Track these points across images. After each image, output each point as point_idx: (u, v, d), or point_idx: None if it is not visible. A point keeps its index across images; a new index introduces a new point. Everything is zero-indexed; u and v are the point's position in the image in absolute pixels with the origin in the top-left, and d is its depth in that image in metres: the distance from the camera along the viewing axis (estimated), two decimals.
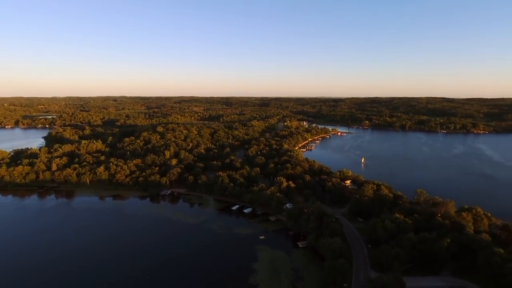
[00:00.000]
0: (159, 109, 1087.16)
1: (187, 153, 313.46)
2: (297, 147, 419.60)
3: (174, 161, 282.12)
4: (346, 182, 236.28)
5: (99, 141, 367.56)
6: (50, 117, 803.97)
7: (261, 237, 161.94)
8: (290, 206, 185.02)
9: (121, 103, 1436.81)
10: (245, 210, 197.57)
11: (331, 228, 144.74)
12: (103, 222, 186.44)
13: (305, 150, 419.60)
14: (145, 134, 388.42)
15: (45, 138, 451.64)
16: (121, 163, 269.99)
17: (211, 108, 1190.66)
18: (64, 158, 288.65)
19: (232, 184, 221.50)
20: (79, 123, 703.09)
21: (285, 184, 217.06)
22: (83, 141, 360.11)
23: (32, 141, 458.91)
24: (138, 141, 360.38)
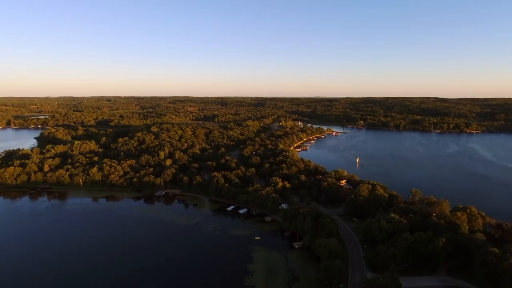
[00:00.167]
0: (154, 109, 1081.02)
1: (181, 154, 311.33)
2: (292, 147, 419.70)
3: (168, 162, 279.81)
4: (342, 182, 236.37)
5: (92, 141, 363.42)
6: (42, 117, 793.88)
7: (256, 238, 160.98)
8: (285, 206, 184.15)
9: (115, 103, 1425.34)
10: (240, 211, 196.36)
11: (327, 228, 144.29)
12: (96, 223, 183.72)
13: (300, 150, 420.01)
14: (139, 134, 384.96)
15: (37, 138, 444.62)
16: (114, 164, 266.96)
17: (206, 108, 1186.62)
18: (57, 159, 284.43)
19: (227, 185, 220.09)
20: (72, 123, 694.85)
21: (280, 184, 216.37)
22: (76, 142, 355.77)
23: (24, 141, 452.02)
24: (132, 141, 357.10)
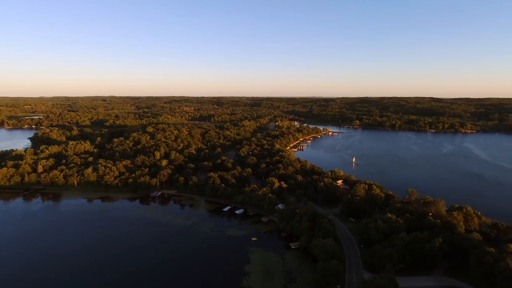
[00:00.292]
0: (149, 109, 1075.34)
1: (177, 154, 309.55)
2: (289, 147, 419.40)
3: (164, 162, 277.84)
4: (338, 182, 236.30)
5: (87, 142, 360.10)
6: (36, 117, 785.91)
7: (253, 238, 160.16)
8: (282, 206, 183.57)
9: (110, 103, 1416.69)
10: (237, 211, 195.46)
11: (323, 229, 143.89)
12: (91, 224, 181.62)
13: (296, 150, 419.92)
14: (134, 134, 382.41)
15: (31, 139, 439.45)
16: (110, 164, 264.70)
17: (202, 108, 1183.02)
18: (51, 160, 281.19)
19: (223, 185, 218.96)
20: (66, 123, 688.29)
21: (277, 184, 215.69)
22: (70, 142, 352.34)
23: (18, 142, 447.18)
24: (127, 141, 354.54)
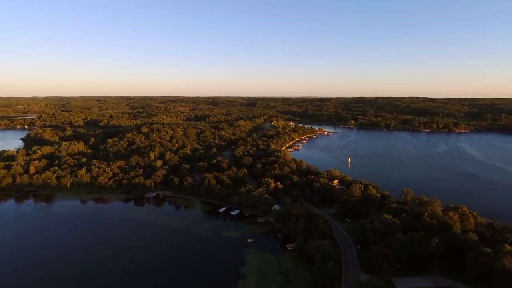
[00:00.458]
0: (144, 109, 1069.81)
1: (172, 154, 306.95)
2: (284, 147, 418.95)
3: (159, 163, 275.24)
4: (334, 182, 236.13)
5: (80, 142, 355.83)
6: (29, 117, 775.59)
7: (249, 240, 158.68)
8: (278, 207, 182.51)
9: (104, 103, 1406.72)
10: (232, 212, 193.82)
11: (320, 229, 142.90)
12: (84, 226, 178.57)
13: (292, 150, 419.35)
14: (129, 135, 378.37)
15: (23, 139, 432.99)
16: (103, 165, 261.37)
17: (197, 108, 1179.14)
18: (43, 161, 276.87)
19: (219, 186, 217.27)
20: (60, 123, 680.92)
21: (273, 185, 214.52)
22: (63, 143, 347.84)
23: (10, 142, 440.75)
24: (121, 142, 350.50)
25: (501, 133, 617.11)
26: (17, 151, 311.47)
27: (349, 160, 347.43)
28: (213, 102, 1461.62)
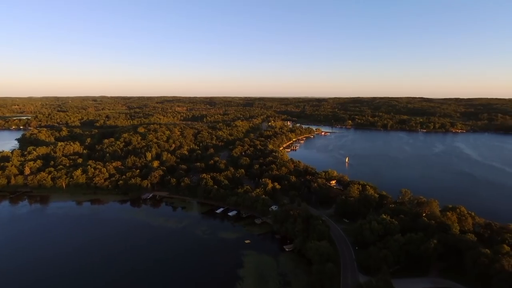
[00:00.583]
0: (141, 109, 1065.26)
1: (169, 155, 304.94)
2: (282, 147, 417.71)
3: (156, 163, 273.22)
4: (331, 182, 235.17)
5: (76, 142, 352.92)
6: (25, 118, 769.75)
7: (246, 241, 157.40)
8: (276, 208, 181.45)
9: (101, 103, 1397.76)
10: (230, 213, 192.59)
11: (318, 230, 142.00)
12: (80, 228, 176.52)
13: (289, 150, 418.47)
14: (125, 135, 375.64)
15: (18, 140, 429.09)
16: (99, 166, 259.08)
17: (194, 108, 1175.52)
18: (39, 161, 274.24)
19: (216, 187, 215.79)
20: (56, 124, 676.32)
21: (270, 185, 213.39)
22: (59, 143, 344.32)
23: (5, 143, 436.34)
24: (118, 142, 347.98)
25: (497, 133, 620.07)
26: (12, 152, 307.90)
27: (346, 160, 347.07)
28: (210, 102, 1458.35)
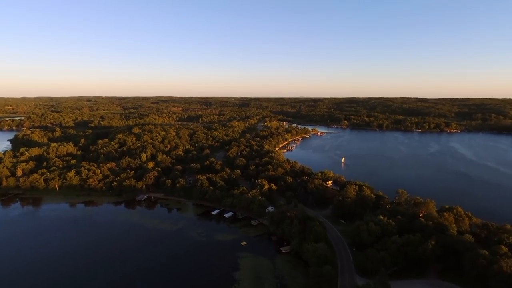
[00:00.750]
0: (136, 110, 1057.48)
1: (164, 156, 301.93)
2: (278, 148, 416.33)
3: (150, 164, 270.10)
4: (328, 183, 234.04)
5: (70, 143, 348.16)
6: (17, 118, 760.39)
7: (242, 243, 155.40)
8: (272, 209, 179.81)
9: (95, 104, 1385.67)
10: (226, 215, 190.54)
11: (315, 232, 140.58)
12: (73, 230, 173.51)
13: (285, 150, 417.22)
14: (120, 135, 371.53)
15: (11, 141, 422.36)
16: (93, 167, 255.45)
17: (189, 108, 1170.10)
18: (31, 163, 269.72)
19: (212, 188, 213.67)
20: (49, 124, 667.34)
21: (266, 186, 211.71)
22: (52, 144, 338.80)
23: None
24: (112, 143, 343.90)
25: (491, 132, 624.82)
26: (4, 153, 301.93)
27: (342, 160, 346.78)
28: (206, 102, 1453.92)
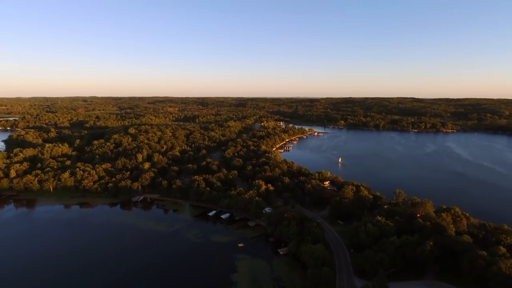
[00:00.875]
0: (132, 110, 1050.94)
1: (161, 156, 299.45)
2: (275, 148, 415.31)
3: (147, 165, 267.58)
4: (325, 183, 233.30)
5: (65, 144, 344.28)
6: (12, 118, 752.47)
7: (239, 244, 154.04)
8: (269, 210, 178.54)
9: (91, 104, 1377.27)
10: (222, 216, 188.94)
11: (312, 233, 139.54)
12: (67, 232, 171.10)
13: (282, 150, 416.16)
14: (116, 136, 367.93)
15: (5, 141, 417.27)
16: (88, 168, 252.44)
17: (186, 108, 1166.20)
18: (25, 164, 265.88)
19: (208, 189, 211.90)
20: (44, 125, 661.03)
21: (264, 187, 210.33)
22: (47, 145, 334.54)
23: None
24: (108, 143, 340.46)
25: (487, 132, 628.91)
26: None
27: (339, 160, 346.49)
28: (203, 102, 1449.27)
